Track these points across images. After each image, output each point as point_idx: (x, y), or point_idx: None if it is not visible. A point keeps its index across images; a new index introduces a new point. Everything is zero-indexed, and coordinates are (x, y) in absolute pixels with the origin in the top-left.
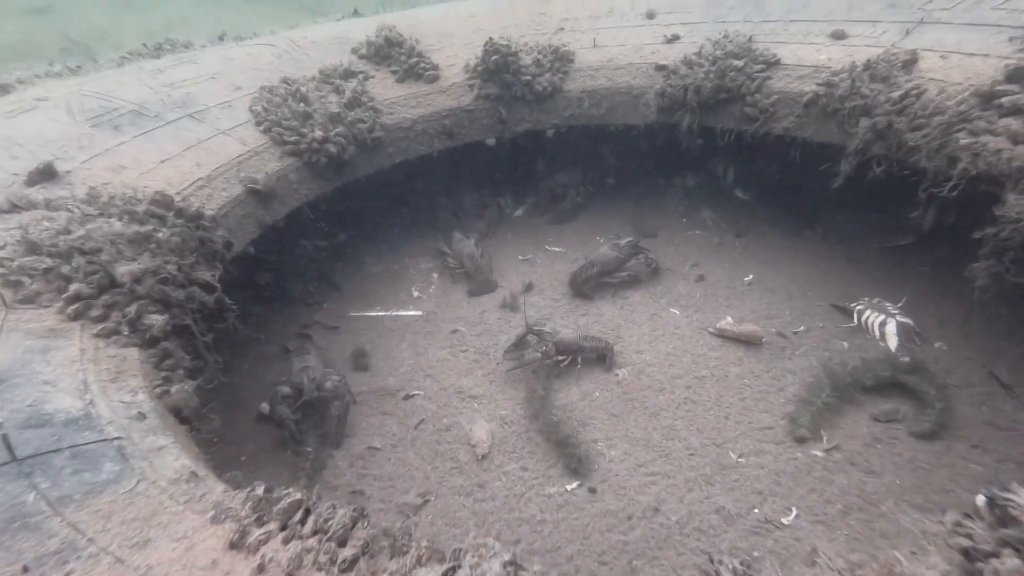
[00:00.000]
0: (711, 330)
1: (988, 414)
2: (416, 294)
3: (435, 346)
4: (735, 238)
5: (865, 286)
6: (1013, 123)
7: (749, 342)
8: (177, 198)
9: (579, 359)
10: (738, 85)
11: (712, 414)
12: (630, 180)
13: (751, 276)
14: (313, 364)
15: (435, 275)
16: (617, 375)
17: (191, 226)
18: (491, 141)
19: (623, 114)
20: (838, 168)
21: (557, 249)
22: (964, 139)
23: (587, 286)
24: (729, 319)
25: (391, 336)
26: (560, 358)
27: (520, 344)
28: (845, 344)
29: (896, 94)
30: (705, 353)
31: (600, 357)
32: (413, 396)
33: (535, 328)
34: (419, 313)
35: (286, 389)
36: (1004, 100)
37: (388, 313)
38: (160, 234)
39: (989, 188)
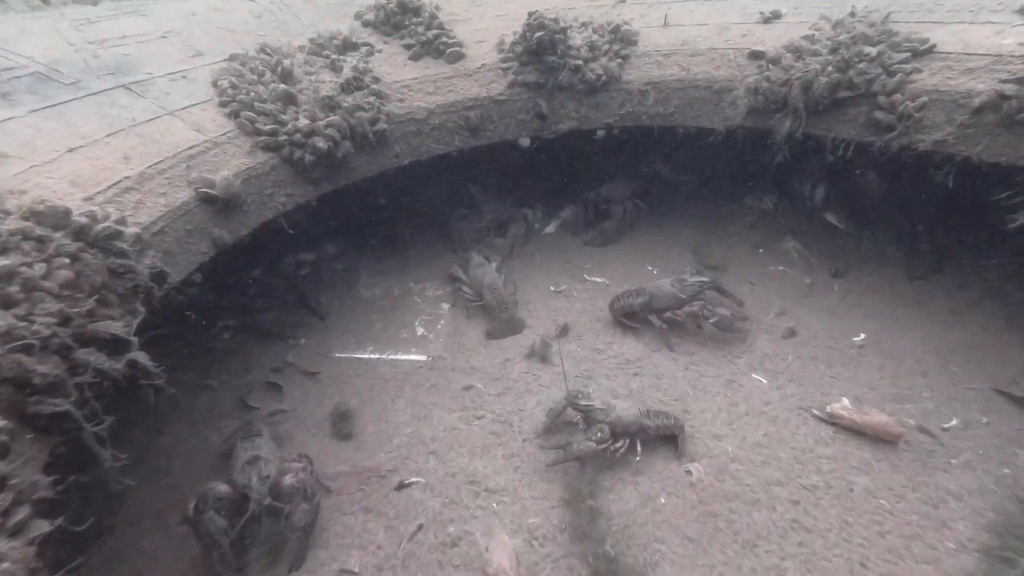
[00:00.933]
0: (817, 413)
1: None
2: (421, 331)
3: (442, 407)
4: (831, 278)
5: None
6: None
7: (878, 438)
8: (82, 207)
9: (638, 444)
10: (868, 80)
11: (838, 555)
12: (692, 197)
13: (863, 336)
14: (266, 453)
15: (445, 306)
16: (689, 471)
17: (97, 252)
18: (525, 141)
19: (698, 114)
20: (1018, 199)
21: (599, 280)
22: None
23: (627, 318)
24: (845, 401)
25: (385, 388)
26: (617, 445)
27: (556, 418)
28: None
29: None
30: (812, 448)
31: (666, 439)
32: (410, 485)
33: (580, 401)
34: (423, 358)
35: (223, 489)
36: None
37: (383, 356)
38: (33, 269)
39: None
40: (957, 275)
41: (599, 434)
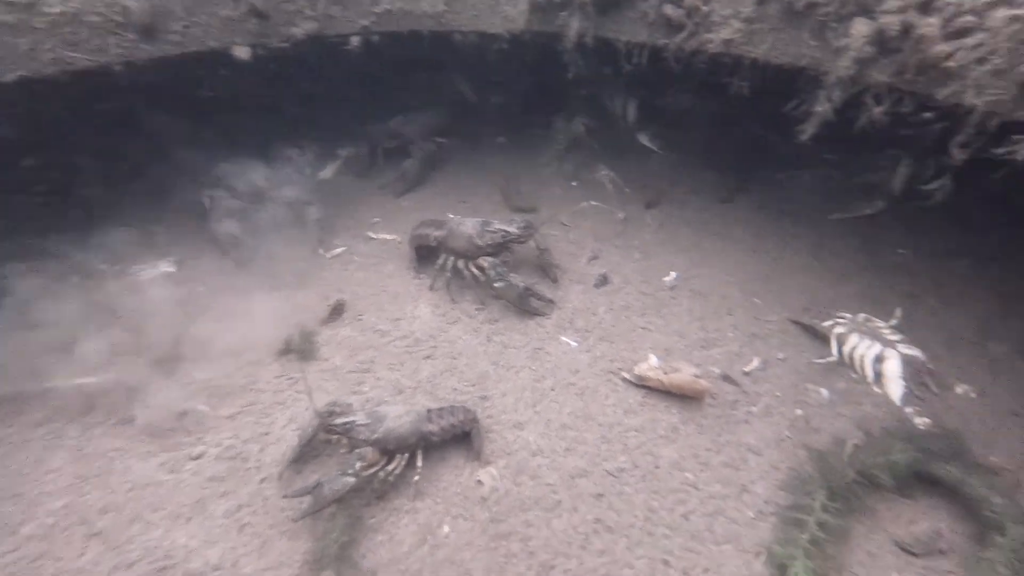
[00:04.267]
0: (626, 376)
1: None
2: (90, 345)
3: (131, 452)
4: (645, 210)
5: (832, 284)
6: None
7: (685, 397)
8: None
9: (419, 457)
10: None
11: (641, 555)
12: (501, 125)
13: (673, 274)
14: None
15: (169, 268)
16: (480, 481)
17: None
18: (242, 52)
19: (475, 15)
20: (810, 108)
21: (388, 236)
22: None
23: (422, 252)
24: (652, 359)
25: (25, 438)
26: (390, 467)
27: (307, 445)
28: (824, 392)
29: None
30: (620, 421)
31: (459, 438)
32: None
33: (335, 420)
34: (92, 380)
35: None
36: None
37: (61, 384)
38: None
39: None
40: (758, 194)
41: (359, 463)
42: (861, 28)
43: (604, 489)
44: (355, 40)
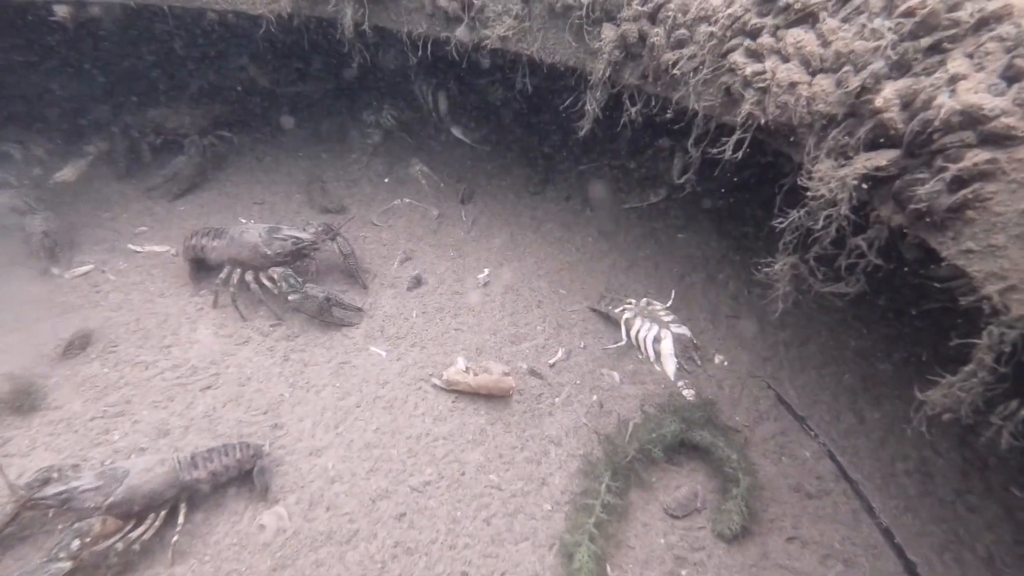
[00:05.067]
0: (437, 382)
1: (791, 472)
2: None
3: None
4: (460, 205)
5: (624, 271)
6: (804, 36)
7: (493, 396)
8: None
9: (182, 511)
10: None
11: (442, 572)
12: (298, 119)
13: (487, 270)
14: None
15: None
16: (263, 526)
17: None
18: None
19: None
20: (583, 106)
21: (158, 248)
22: (743, 64)
23: (198, 264)
24: (460, 362)
25: None
26: (137, 532)
27: (6, 530)
28: (616, 376)
29: None
30: (429, 430)
31: (240, 479)
32: None
33: (45, 492)
34: None
35: None
36: None
37: None
38: None
39: (782, 144)
40: (566, 186)
41: (76, 542)
42: (609, 33)
43: (407, 507)
44: (62, 10)
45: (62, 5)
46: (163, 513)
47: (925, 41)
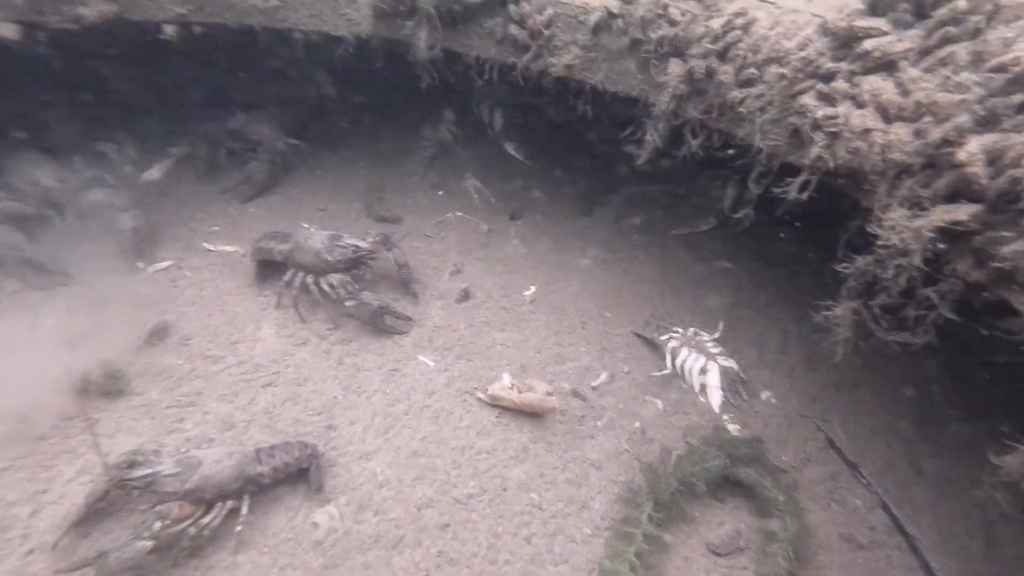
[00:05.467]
0: (481, 396)
1: (841, 520)
2: None
3: None
4: (509, 221)
5: (671, 297)
6: (882, 84)
7: (536, 415)
8: None
9: (245, 503)
10: None
11: None
12: (360, 131)
13: (533, 288)
14: None
15: None
16: (316, 523)
17: None
18: (9, 29)
19: (316, 13)
20: (643, 135)
21: (228, 248)
22: (814, 107)
23: (266, 267)
24: (506, 378)
25: None
26: (206, 519)
27: (98, 504)
28: (660, 404)
29: (717, 23)
30: (473, 444)
31: (296, 477)
32: None
33: (132, 473)
34: None
35: None
36: (868, 44)
37: None
38: None
39: (850, 188)
40: (615, 208)
41: (158, 523)
42: (676, 68)
43: (451, 518)
44: (169, 28)
45: (171, 25)
46: (229, 503)
47: (1017, 98)
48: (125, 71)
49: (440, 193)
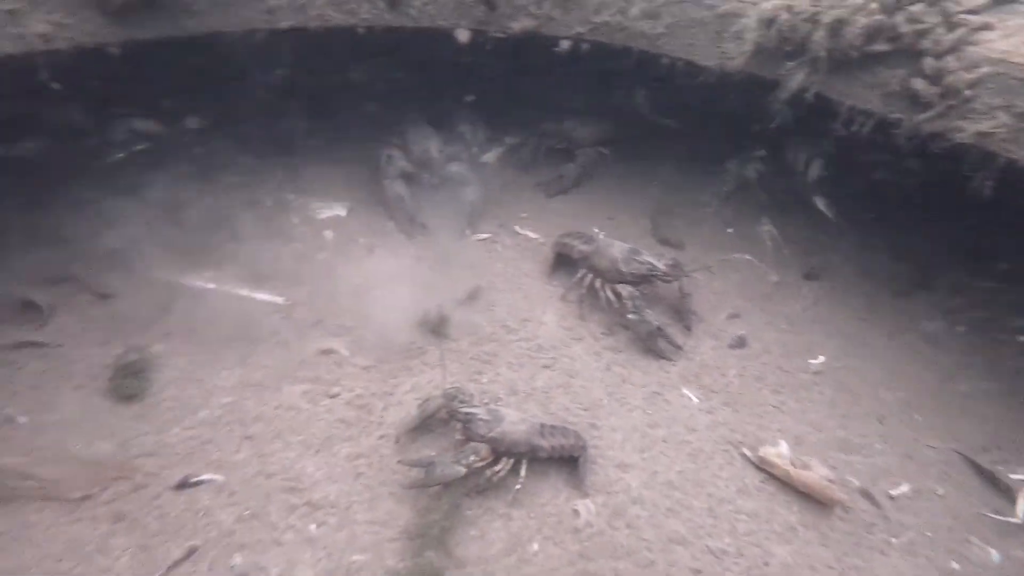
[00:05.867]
0: (748, 453)
1: None
2: (287, 263)
3: (284, 373)
4: (802, 280)
5: (1018, 425)
6: None
7: (811, 497)
8: None
9: (523, 466)
10: (919, 32)
11: None
12: (664, 150)
13: (822, 359)
14: None
15: (329, 235)
16: (577, 511)
17: None
18: (463, 35)
19: (691, 43)
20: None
21: (532, 235)
22: None
23: (562, 260)
24: (783, 446)
25: (211, 335)
26: (497, 468)
27: (428, 417)
28: (994, 555)
29: None
30: (732, 499)
31: (562, 460)
32: (197, 484)
33: (460, 407)
34: (279, 300)
35: None
36: None
37: (223, 288)
38: None
39: None
40: (947, 298)
41: (472, 457)
42: None
43: (703, 566)
44: (565, 44)
45: (464, 31)
46: (512, 462)
47: None
48: (507, 74)
49: (730, 231)
